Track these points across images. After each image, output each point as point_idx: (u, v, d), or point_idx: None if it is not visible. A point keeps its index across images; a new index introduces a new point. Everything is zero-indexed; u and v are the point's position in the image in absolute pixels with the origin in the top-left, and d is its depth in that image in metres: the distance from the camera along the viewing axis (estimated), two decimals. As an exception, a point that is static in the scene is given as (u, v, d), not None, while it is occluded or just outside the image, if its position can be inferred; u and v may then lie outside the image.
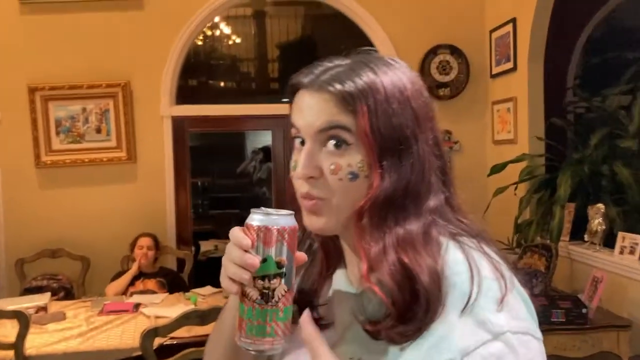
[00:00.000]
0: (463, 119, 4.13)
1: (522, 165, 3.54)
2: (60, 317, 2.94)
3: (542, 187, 3.52)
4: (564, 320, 2.69)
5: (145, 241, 3.60)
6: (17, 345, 2.45)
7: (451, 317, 0.63)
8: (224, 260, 0.70)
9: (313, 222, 0.73)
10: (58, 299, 3.42)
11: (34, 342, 2.61)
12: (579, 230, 3.31)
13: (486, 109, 4.13)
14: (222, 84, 5.54)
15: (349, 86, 0.69)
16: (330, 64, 0.73)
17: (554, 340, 2.63)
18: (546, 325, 2.59)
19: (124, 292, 3.46)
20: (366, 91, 0.68)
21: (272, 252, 0.67)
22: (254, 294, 0.67)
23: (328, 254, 0.80)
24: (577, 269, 3.25)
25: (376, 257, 0.68)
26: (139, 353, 2.37)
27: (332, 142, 0.70)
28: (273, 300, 0.67)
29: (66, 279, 3.66)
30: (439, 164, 0.73)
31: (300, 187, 0.73)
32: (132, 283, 3.51)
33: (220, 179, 7.10)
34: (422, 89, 0.74)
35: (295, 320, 0.80)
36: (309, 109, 0.71)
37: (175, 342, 2.55)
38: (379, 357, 0.67)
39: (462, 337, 0.62)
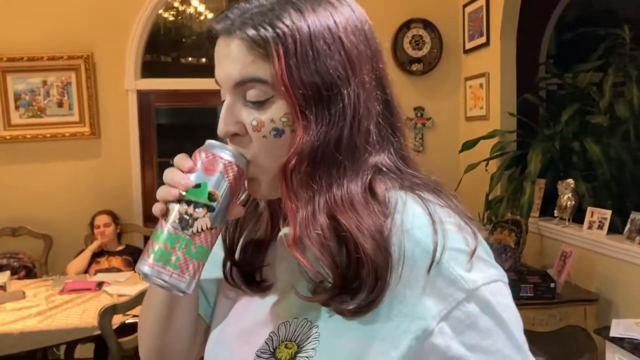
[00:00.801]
0: (436, 95, 4.08)
1: (494, 141, 3.52)
2: (19, 296, 2.85)
3: (513, 164, 3.51)
4: (532, 295, 2.68)
5: (101, 219, 3.50)
6: (-29, 325, 2.36)
7: (417, 278, 0.57)
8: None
9: (254, 189, 0.66)
10: (19, 278, 3.32)
11: (-10, 321, 2.52)
12: (549, 206, 3.31)
13: (459, 84, 4.09)
14: (192, 60, 5.40)
15: (263, 28, 0.60)
16: (248, 6, 0.63)
17: (522, 315, 2.58)
18: (515, 300, 2.57)
19: (87, 271, 3.37)
20: (284, 33, 0.60)
21: (210, 181, 0.61)
22: (174, 216, 0.60)
23: (273, 213, 0.73)
24: (547, 245, 3.25)
25: (304, 220, 0.60)
26: (99, 332, 2.30)
27: (251, 95, 0.62)
28: (190, 230, 0.60)
29: (27, 257, 3.55)
30: (382, 110, 0.65)
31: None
32: (96, 261, 3.43)
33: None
34: (363, 24, 0.65)
35: (236, 285, 0.74)
36: (224, 59, 0.63)
37: (137, 321, 2.48)
38: (325, 319, 0.61)
39: (434, 301, 0.56)
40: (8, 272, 3.18)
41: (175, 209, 0.61)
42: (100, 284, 3.00)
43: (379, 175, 0.63)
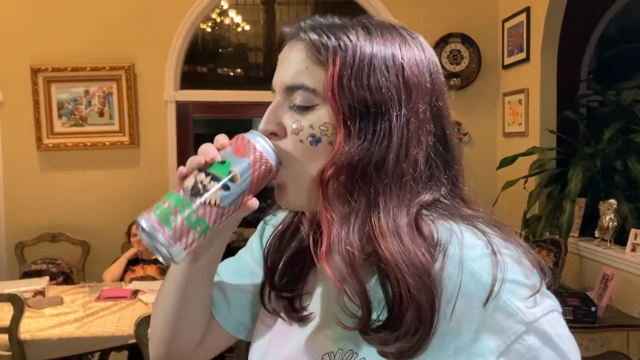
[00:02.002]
0: (473, 110, 4.04)
1: (533, 158, 3.46)
2: (58, 301, 2.90)
3: (552, 182, 3.44)
4: (571, 318, 2.61)
5: None
6: (12, 329, 2.41)
7: (473, 312, 0.55)
8: None
9: (279, 196, 0.66)
10: (57, 284, 3.38)
11: (30, 326, 2.57)
12: (589, 227, 3.23)
13: (497, 100, 4.04)
14: (229, 71, 5.47)
15: (326, 37, 0.61)
16: (322, 20, 0.66)
17: (561, 338, 2.55)
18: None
19: (123, 278, 3.42)
20: (345, 45, 0.61)
21: (236, 162, 0.61)
22: (188, 181, 0.61)
23: (315, 242, 0.71)
24: (587, 266, 3.17)
25: (338, 235, 0.59)
26: (135, 340, 2.33)
27: (298, 99, 0.63)
28: (198, 200, 0.60)
29: (65, 263, 3.61)
30: (435, 144, 0.64)
31: None
32: (131, 269, 3.47)
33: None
34: (430, 62, 0.66)
35: (274, 312, 0.73)
36: (284, 62, 0.65)
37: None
38: (372, 349, 0.59)
39: (492, 336, 0.54)
40: (47, 278, 3.24)
41: (192, 177, 0.61)
42: (135, 292, 3.03)
43: (427, 210, 0.61)
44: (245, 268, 0.80)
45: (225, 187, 0.60)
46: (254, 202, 0.64)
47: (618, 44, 4.13)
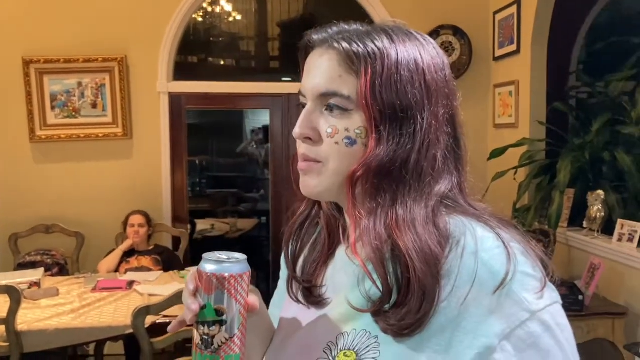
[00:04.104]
0: (464, 101, 3.95)
1: (523, 149, 3.50)
2: (54, 292, 2.93)
3: (541, 173, 3.48)
4: (559, 306, 2.67)
5: (136, 219, 3.57)
6: (9, 321, 2.43)
7: (483, 298, 0.60)
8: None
9: (306, 184, 0.71)
10: (52, 275, 3.40)
11: (26, 317, 2.59)
12: (577, 217, 3.28)
13: (488, 92, 4.08)
14: (221, 61, 5.46)
15: (357, 45, 0.66)
16: (347, 27, 0.71)
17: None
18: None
19: (118, 269, 3.45)
20: (374, 54, 0.66)
21: (212, 299, 0.66)
22: (196, 337, 0.67)
23: (330, 230, 0.79)
24: (575, 256, 3.23)
25: (365, 228, 0.65)
26: (131, 331, 2.36)
27: (332, 106, 0.68)
28: (212, 347, 0.66)
29: (60, 255, 3.64)
30: (450, 144, 0.70)
31: (299, 147, 0.72)
32: (126, 260, 3.50)
33: (218, 158, 7.06)
34: (445, 66, 0.71)
35: (296, 300, 0.78)
36: (314, 70, 0.70)
37: (168, 321, 2.54)
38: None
39: (498, 320, 0.59)
40: (42, 269, 3.27)
41: (196, 332, 0.67)
42: (131, 283, 3.07)
43: (442, 205, 0.67)
44: (283, 295, 0.86)
45: (223, 323, 0.66)
46: (254, 302, 0.70)
47: (608, 35, 4.17)
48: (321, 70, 0.69)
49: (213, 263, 0.67)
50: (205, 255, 0.68)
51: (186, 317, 0.68)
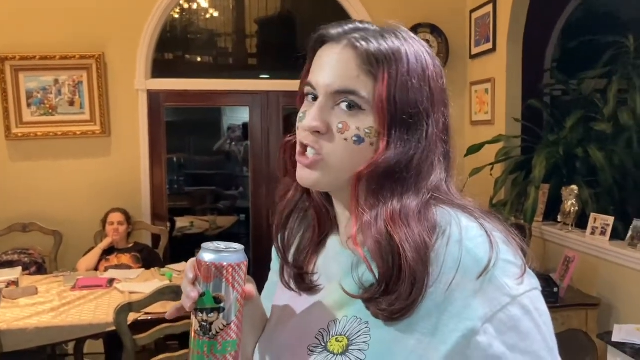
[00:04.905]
0: (441, 99, 4.11)
1: (499, 146, 3.57)
2: (32, 291, 2.90)
3: (517, 168, 3.55)
4: (535, 298, 2.73)
5: (115, 217, 3.55)
6: (-13, 320, 2.41)
7: (468, 283, 0.64)
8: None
9: (306, 176, 0.73)
10: (29, 274, 3.37)
11: (5, 316, 2.57)
12: (552, 211, 3.36)
13: (465, 89, 4.14)
14: (198, 58, 5.44)
15: (375, 47, 0.69)
16: (360, 25, 0.73)
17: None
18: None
19: (97, 267, 3.43)
20: (390, 58, 0.69)
21: (210, 287, 0.69)
22: (195, 324, 0.70)
23: (320, 219, 0.81)
24: (550, 249, 3.31)
25: (367, 223, 0.68)
26: (113, 328, 2.36)
27: (345, 103, 0.70)
28: (210, 333, 0.69)
29: (38, 253, 3.60)
30: (444, 150, 0.74)
31: (304, 138, 0.73)
32: (106, 258, 3.48)
33: (197, 156, 7.03)
34: (442, 73, 0.75)
35: (289, 287, 0.81)
36: (331, 65, 0.71)
37: (150, 318, 2.54)
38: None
39: (481, 304, 0.63)
40: (20, 268, 3.23)
41: (195, 319, 0.70)
42: (111, 281, 3.05)
43: (432, 199, 0.71)
44: (274, 288, 0.89)
45: (221, 310, 0.69)
46: (250, 292, 0.73)
47: (581, 34, 4.27)
48: (339, 67, 0.70)
49: (212, 252, 0.70)
50: (204, 245, 0.71)
51: (185, 305, 0.70)
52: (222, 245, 0.71)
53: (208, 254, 0.70)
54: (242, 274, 0.70)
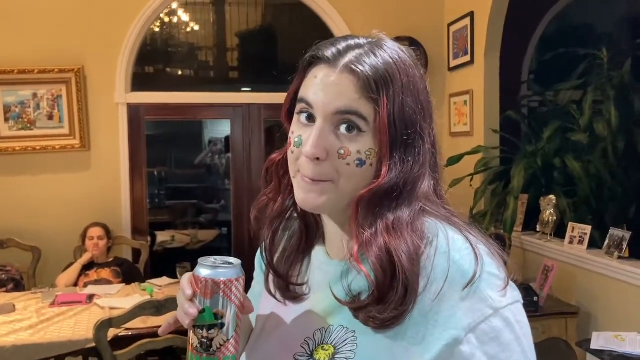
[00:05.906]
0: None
1: (478, 157, 3.61)
2: (10, 309, 2.85)
3: (496, 179, 3.60)
4: (516, 308, 2.75)
5: (95, 231, 3.51)
6: (-37, 338, 2.36)
7: (453, 294, 0.65)
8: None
9: (311, 200, 0.72)
10: (7, 291, 3.31)
11: (-18, 334, 2.52)
12: (531, 221, 3.40)
13: (443, 101, 4.19)
14: (179, 71, 5.44)
15: (373, 71, 0.69)
16: (352, 42, 0.72)
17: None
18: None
19: (76, 283, 3.38)
20: (387, 80, 0.69)
21: (210, 303, 0.69)
22: (194, 341, 0.69)
23: (308, 227, 0.82)
24: (529, 259, 3.34)
25: (367, 240, 0.69)
26: (93, 344, 2.33)
27: (345, 126, 0.70)
28: (211, 350, 0.69)
29: (15, 270, 3.54)
30: (433, 161, 0.75)
31: (305, 165, 0.71)
32: (85, 274, 3.43)
33: (177, 169, 7.00)
34: (426, 82, 0.75)
35: (273, 295, 0.82)
36: (329, 87, 0.70)
37: (130, 333, 2.51)
38: (361, 324, 0.69)
39: (465, 314, 0.64)
40: (-3, 285, 3.18)
41: (194, 336, 0.70)
42: (91, 297, 3.01)
43: (421, 210, 0.72)
44: (259, 298, 0.88)
45: (221, 326, 0.69)
46: (249, 307, 0.74)
47: (557, 46, 4.35)
48: (339, 89, 0.69)
49: (209, 268, 0.69)
50: (201, 260, 0.70)
51: (183, 321, 0.70)
52: (219, 260, 0.71)
53: (205, 269, 0.69)
54: (241, 289, 0.70)
